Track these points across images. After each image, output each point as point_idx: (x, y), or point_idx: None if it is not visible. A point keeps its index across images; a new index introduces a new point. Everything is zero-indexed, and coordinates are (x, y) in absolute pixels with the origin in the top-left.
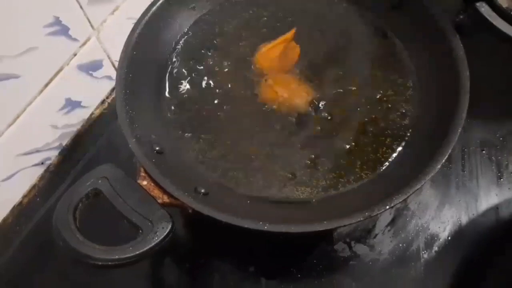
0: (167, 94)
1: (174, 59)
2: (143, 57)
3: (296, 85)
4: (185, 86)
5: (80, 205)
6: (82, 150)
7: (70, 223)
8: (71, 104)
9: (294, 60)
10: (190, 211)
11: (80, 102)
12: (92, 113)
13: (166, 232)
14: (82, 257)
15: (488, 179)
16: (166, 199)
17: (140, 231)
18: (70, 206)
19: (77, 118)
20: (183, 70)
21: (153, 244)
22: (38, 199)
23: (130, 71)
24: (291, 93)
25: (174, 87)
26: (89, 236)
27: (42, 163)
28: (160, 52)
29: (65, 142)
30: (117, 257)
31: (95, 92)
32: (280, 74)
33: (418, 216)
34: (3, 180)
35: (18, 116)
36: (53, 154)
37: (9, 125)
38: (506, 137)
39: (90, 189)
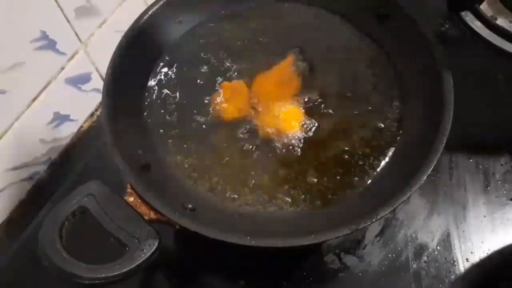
0: (154, 109)
1: (161, 73)
2: (130, 72)
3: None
4: (172, 100)
5: (66, 223)
6: (71, 164)
7: (56, 241)
8: (60, 118)
9: (292, 91)
10: (177, 227)
11: (69, 115)
12: (81, 127)
13: (153, 250)
14: (68, 276)
15: (476, 188)
16: (153, 215)
17: (127, 248)
18: (56, 225)
19: (66, 132)
20: (170, 84)
21: (139, 261)
22: (27, 214)
23: (116, 86)
24: (281, 117)
25: (161, 101)
26: (75, 254)
27: (31, 178)
28: (147, 66)
29: (54, 156)
30: (103, 275)
31: (83, 105)
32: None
33: (406, 226)
34: None
35: (6, 131)
36: (42, 169)
37: None
38: (493, 145)
39: (76, 207)
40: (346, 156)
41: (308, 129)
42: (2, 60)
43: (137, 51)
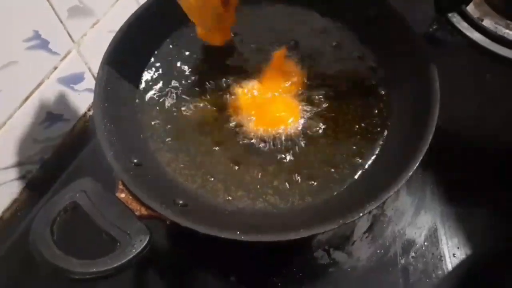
0: (145, 107)
1: (152, 72)
2: (122, 71)
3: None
4: (164, 98)
5: (58, 219)
6: (64, 163)
7: (48, 237)
8: (52, 117)
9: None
10: (168, 222)
11: (62, 115)
12: (74, 126)
13: (144, 245)
14: (59, 272)
15: None
16: (144, 211)
17: (118, 244)
18: (48, 220)
19: (59, 131)
20: (162, 83)
21: (130, 256)
22: (19, 213)
23: (108, 84)
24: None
25: (153, 100)
26: (67, 249)
27: (24, 177)
28: (139, 65)
29: (46, 155)
30: (94, 270)
31: (76, 105)
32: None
33: (394, 222)
34: None
35: None
36: (35, 168)
37: None
38: (479, 143)
39: (68, 203)
40: (335, 152)
41: (298, 125)
42: None
43: (129, 51)
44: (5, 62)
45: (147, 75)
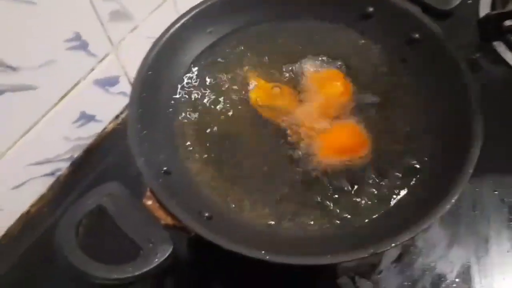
0: (179, 115)
1: (188, 81)
2: (158, 78)
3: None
4: (198, 108)
5: (84, 221)
6: (93, 163)
7: (72, 239)
8: (85, 118)
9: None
10: (192, 234)
11: (94, 116)
12: (105, 128)
13: (167, 255)
14: (80, 274)
15: (500, 222)
16: (169, 220)
17: (141, 251)
18: (73, 222)
19: (90, 132)
20: (198, 92)
21: (152, 266)
22: (45, 209)
23: (144, 90)
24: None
25: (187, 108)
26: (90, 252)
27: (52, 174)
28: (175, 74)
29: (76, 154)
30: (115, 276)
31: (109, 107)
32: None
33: (425, 255)
34: (13, 188)
35: (32, 127)
36: (64, 166)
37: (23, 135)
38: None
39: (94, 206)
40: (371, 179)
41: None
42: (35, 57)
43: (167, 59)
44: (44, 61)
45: (183, 84)
